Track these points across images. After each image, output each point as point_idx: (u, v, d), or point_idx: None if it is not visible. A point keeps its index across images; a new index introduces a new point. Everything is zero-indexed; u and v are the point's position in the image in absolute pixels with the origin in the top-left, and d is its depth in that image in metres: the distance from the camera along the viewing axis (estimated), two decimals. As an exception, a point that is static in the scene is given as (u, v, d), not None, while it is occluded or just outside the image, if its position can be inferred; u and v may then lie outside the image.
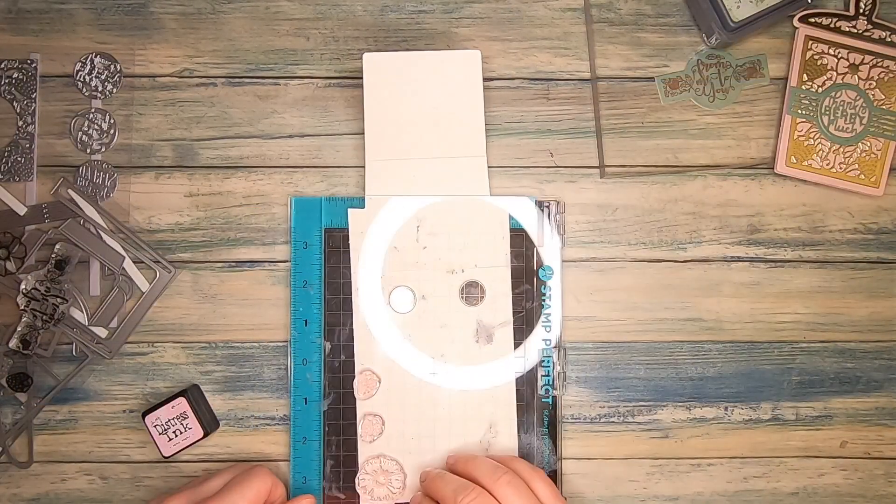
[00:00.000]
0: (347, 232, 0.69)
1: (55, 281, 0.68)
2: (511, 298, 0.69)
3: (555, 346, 0.69)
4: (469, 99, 0.69)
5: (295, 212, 0.70)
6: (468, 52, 0.68)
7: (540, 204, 0.70)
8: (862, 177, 0.71)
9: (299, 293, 0.70)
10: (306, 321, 0.69)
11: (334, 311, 0.69)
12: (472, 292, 0.70)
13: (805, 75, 0.71)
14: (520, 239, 0.70)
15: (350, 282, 0.69)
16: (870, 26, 0.71)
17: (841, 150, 0.71)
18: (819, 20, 0.71)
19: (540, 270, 0.70)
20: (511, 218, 0.70)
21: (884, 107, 0.71)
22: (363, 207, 0.69)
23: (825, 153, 0.71)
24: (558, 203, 0.70)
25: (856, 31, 0.71)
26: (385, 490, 0.68)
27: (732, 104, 0.72)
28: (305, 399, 0.69)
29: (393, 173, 0.69)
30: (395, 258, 0.69)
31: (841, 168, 0.71)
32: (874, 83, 0.71)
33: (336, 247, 0.70)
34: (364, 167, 0.70)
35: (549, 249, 0.70)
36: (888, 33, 0.71)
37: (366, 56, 0.68)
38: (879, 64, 0.71)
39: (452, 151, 0.69)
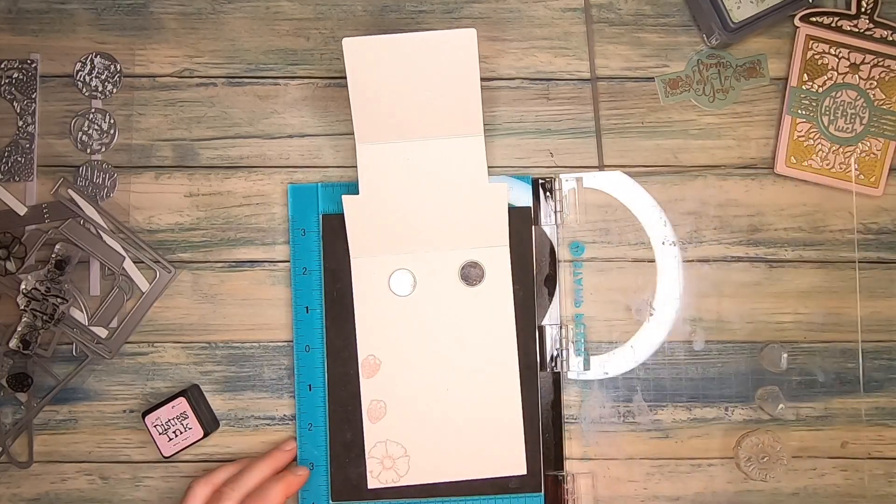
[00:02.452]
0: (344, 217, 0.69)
1: (55, 281, 0.68)
2: (511, 277, 0.69)
3: (561, 325, 0.70)
4: (464, 78, 0.66)
5: (292, 199, 0.70)
6: (463, 31, 0.65)
7: (537, 182, 0.70)
8: (862, 177, 0.71)
9: (299, 280, 0.70)
10: (307, 308, 0.69)
11: (335, 297, 0.69)
12: (471, 272, 0.69)
13: (805, 75, 0.71)
14: (523, 217, 0.70)
15: (349, 267, 0.69)
16: (871, 25, 0.71)
17: (841, 150, 0.71)
18: (820, 19, 0.70)
19: (571, 246, 0.70)
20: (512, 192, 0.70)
21: (884, 107, 0.71)
22: (357, 193, 0.68)
23: (825, 153, 0.71)
24: (554, 179, 0.70)
25: (857, 30, 0.71)
26: (392, 474, 0.68)
27: (732, 104, 0.72)
28: (310, 385, 0.69)
29: (386, 157, 0.68)
30: (393, 242, 0.69)
31: (841, 168, 0.71)
32: (875, 83, 0.71)
33: (334, 232, 0.69)
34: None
35: (549, 226, 0.70)
36: (889, 32, 0.71)
37: (345, 41, 0.65)
38: (880, 63, 0.71)
39: (448, 131, 0.67)
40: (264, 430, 0.70)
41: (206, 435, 0.68)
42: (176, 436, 0.68)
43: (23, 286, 0.68)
